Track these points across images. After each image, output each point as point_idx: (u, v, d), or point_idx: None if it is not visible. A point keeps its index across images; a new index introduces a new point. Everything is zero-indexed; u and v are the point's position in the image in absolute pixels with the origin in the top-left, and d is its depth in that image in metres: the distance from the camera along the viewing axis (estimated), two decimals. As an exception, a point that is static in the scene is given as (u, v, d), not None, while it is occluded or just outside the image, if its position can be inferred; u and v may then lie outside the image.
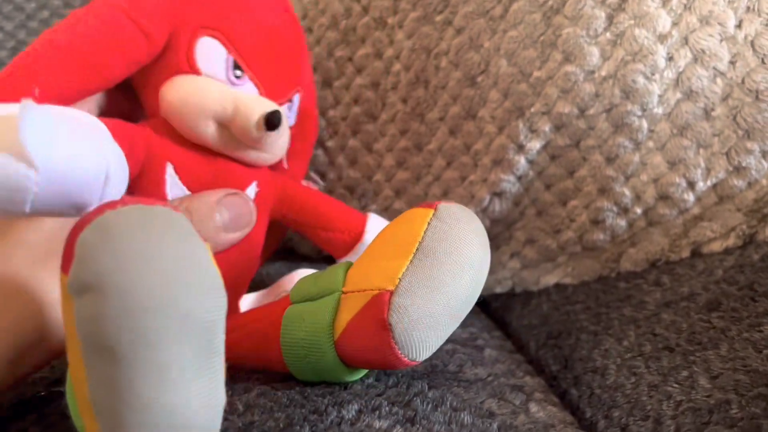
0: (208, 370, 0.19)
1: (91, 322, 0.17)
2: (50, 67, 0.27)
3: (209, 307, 0.19)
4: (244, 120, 0.29)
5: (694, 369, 0.29)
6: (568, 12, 0.38)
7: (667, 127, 0.38)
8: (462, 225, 0.26)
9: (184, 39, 0.30)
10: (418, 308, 0.25)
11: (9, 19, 0.64)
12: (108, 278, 0.17)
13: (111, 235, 0.18)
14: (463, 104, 0.43)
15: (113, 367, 0.17)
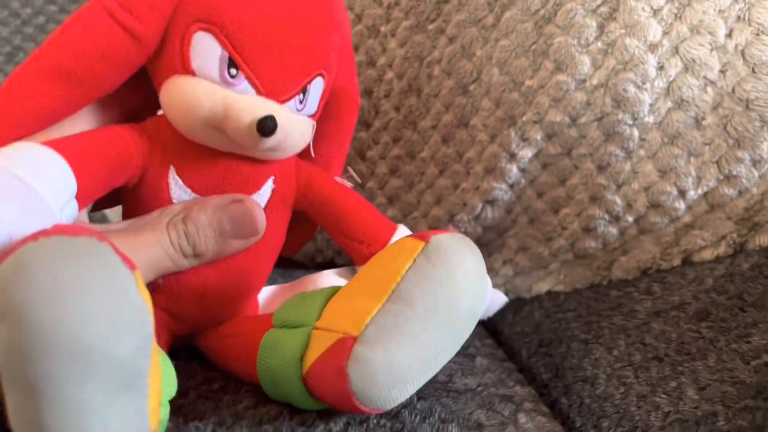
0: (123, 404, 0.19)
1: (4, 352, 0.18)
2: (35, 88, 0.26)
3: (123, 343, 0.18)
4: (236, 126, 0.27)
5: (682, 380, 0.29)
6: (560, 21, 0.38)
7: (658, 135, 0.38)
8: (451, 265, 0.24)
9: (178, 35, 0.28)
10: (380, 360, 0.23)
11: (5, 25, 0.64)
12: (16, 311, 0.17)
13: (24, 268, 0.18)
14: (455, 112, 0.43)
15: (23, 397, 0.18)
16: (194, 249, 0.28)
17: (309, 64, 0.29)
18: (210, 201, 0.29)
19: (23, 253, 0.18)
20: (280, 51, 0.28)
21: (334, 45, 0.31)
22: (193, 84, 0.28)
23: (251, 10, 0.28)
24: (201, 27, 0.27)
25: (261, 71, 0.28)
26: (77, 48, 0.26)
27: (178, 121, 0.28)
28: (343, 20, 0.33)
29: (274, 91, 0.28)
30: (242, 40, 0.27)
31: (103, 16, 0.27)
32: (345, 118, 0.35)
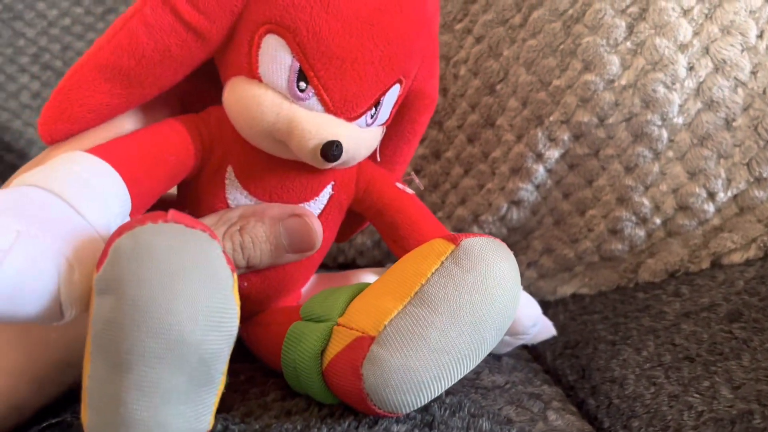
0: (196, 399, 0.20)
1: (102, 322, 0.18)
2: (95, 87, 0.25)
3: (213, 340, 0.19)
4: (299, 146, 0.26)
5: (716, 379, 0.29)
6: (588, 21, 0.38)
7: (687, 136, 0.37)
8: (479, 271, 0.23)
9: (247, 36, 0.25)
10: (396, 363, 0.22)
11: (31, 26, 0.65)
12: (126, 287, 0.18)
13: (140, 247, 0.18)
14: (481, 112, 0.43)
15: (109, 369, 0.18)
16: (248, 261, 0.28)
17: (387, 76, 0.27)
18: (268, 212, 0.28)
19: (143, 233, 0.18)
20: (354, 64, 0.26)
21: (419, 49, 0.28)
22: (258, 92, 0.26)
23: (330, 15, 0.25)
24: (273, 29, 0.25)
25: (332, 86, 0.26)
26: (137, 49, 0.25)
27: (239, 125, 0.27)
28: (434, 17, 0.30)
29: (344, 109, 0.26)
30: (316, 49, 0.25)
31: (165, 13, 0.25)
32: (419, 119, 0.33)
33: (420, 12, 0.27)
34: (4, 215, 0.19)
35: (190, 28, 0.25)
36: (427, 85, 0.32)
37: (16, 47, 0.63)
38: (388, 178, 0.32)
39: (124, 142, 0.26)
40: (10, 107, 0.63)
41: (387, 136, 0.32)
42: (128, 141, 0.26)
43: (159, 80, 0.26)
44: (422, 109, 0.32)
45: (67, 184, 0.22)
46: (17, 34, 0.64)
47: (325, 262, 0.51)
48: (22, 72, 0.63)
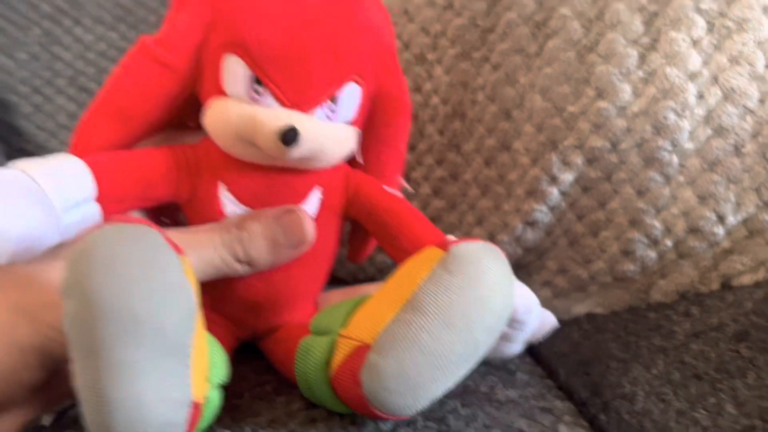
0: (167, 370, 0.22)
1: (70, 322, 0.21)
2: (101, 127, 0.30)
3: (166, 314, 0.21)
4: (263, 139, 0.29)
5: (722, 396, 0.30)
6: (602, 51, 0.40)
7: (698, 162, 0.39)
8: (468, 275, 0.24)
9: (211, 61, 0.30)
10: (390, 368, 0.24)
11: (68, 50, 0.68)
12: (76, 286, 0.21)
13: (86, 249, 0.21)
14: (498, 137, 0.44)
15: (82, 361, 0.21)
16: (247, 255, 0.30)
17: (336, 71, 0.30)
18: (265, 212, 0.31)
19: (87, 238, 0.22)
20: (300, 61, 0.29)
21: (367, 50, 0.31)
22: (225, 104, 0.30)
23: (272, 27, 0.29)
24: (229, 50, 0.29)
25: (284, 84, 0.29)
26: (125, 90, 0.30)
27: (217, 139, 0.30)
28: (380, 24, 0.33)
29: (298, 102, 0.30)
30: (263, 55, 0.29)
31: (143, 57, 0.30)
32: (393, 122, 0.35)
33: (359, 15, 0.31)
34: None
35: (164, 66, 0.30)
36: (390, 87, 0.34)
37: (54, 70, 0.67)
38: (376, 182, 0.35)
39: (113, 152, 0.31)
40: (48, 127, 0.65)
41: (368, 142, 0.35)
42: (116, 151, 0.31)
43: (148, 117, 0.31)
44: (393, 112, 0.35)
45: (31, 160, 0.27)
46: (55, 58, 0.67)
47: (345, 279, 0.53)
48: (59, 94, 0.66)
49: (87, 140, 0.30)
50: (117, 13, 0.69)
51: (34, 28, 0.67)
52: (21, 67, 0.66)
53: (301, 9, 0.29)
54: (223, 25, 0.30)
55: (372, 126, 0.34)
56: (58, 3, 0.68)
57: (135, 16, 0.69)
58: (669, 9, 0.38)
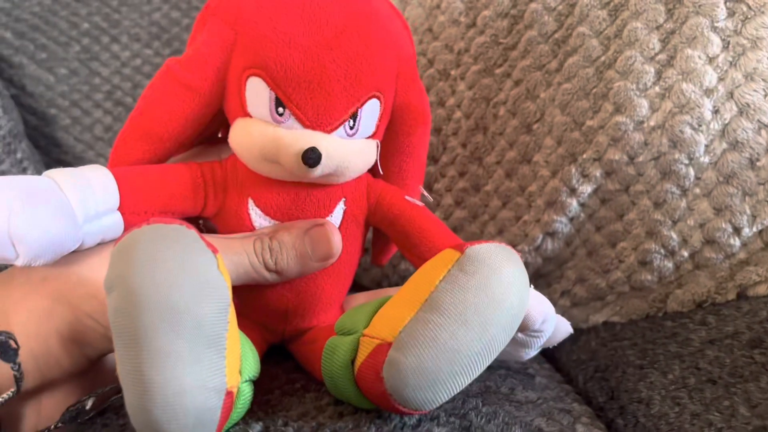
0: (203, 359, 0.23)
1: (113, 314, 0.23)
2: (133, 147, 0.32)
3: (202, 306, 0.23)
4: (286, 160, 0.30)
5: (735, 399, 0.31)
6: (620, 67, 0.41)
7: (714, 175, 0.40)
8: (483, 274, 0.26)
9: (235, 84, 0.31)
10: (410, 364, 0.25)
11: (106, 66, 0.71)
12: (122, 280, 0.23)
13: (129, 246, 0.23)
14: (519, 149, 0.46)
15: (127, 349, 0.22)
16: (276, 264, 0.32)
17: (356, 90, 0.31)
18: (295, 224, 0.33)
19: (130, 237, 0.24)
20: (321, 83, 0.30)
21: (386, 65, 0.32)
22: (249, 125, 0.31)
23: (292, 50, 0.30)
24: (252, 73, 0.30)
25: (305, 105, 0.30)
26: (152, 112, 0.32)
27: (243, 158, 0.32)
28: (398, 36, 0.33)
29: (318, 123, 0.30)
30: (285, 78, 0.30)
31: (168, 80, 0.32)
32: (413, 132, 0.36)
33: (378, 32, 0.32)
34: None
35: (188, 88, 0.31)
36: (410, 99, 0.35)
37: (91, 85, 0.69)
38: (398, 192, 0.36)
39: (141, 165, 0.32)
40: (85, 139, 0.68)
41: (388, 153, 0.35)
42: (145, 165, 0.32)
43: (174, 137, 0.32)
44: (414, 123, 0.35)
45: (63, 171, 0.29)
46: (93, 73, 0.70)
47: (369, 287, 0.55)
48: (96, 107, 0.69)
49: (121, 159, 0.32)
50: (152, 31, 0.72)
51: (74, 44, 0.70)
52: (61, 81, 0.69)
53: (320, 31, 0.30)
54: (246, 47, 0.30)
55: (392, 136, 0.35)
56: (96, 21, 0.71)
57: (169, 34, 0.72)
58: (685, 27, 0.40)
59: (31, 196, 0.26)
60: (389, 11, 0.33)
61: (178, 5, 0.74)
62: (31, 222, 0.26)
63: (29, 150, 0.63)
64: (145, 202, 0.31)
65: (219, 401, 0.24)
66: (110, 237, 0.30)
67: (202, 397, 0.23)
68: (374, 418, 0.29)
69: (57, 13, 0.71)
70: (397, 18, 0.34)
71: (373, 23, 0.31)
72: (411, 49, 0.35)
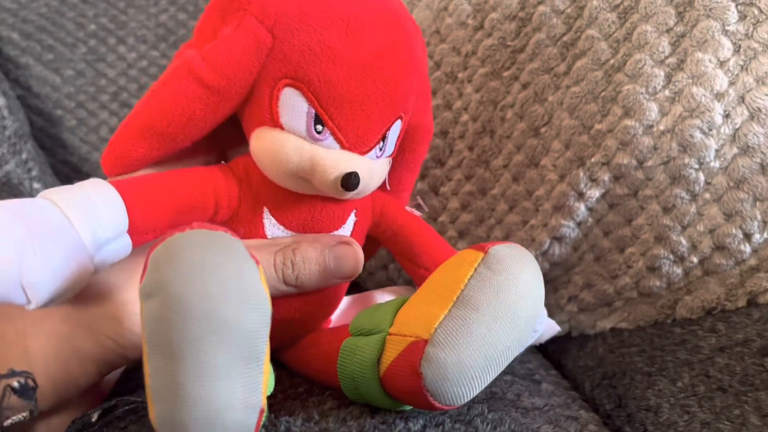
0: (246, 375, 0.22)
1: (151, 322, 0.21)
2: (136, 143, 0.30)
3: (250, 320, 0.22)
4: (321, 180, 0.29)
5: (746, 408, 0.30)
6: (629, 70, 0.41)
7: (724, 180, 0.39)
8: (510, 272, 0.26)
9: (267, 90, 0.29)
10: (450, 359, 0.25)
11: (112, 67, 0.71)
12: (165, 286, 0.21)
13: (173, 252, 0.22)
14: (526, 153, 0.45)
15: (165, 360, 0.21)
16: (297, 279, 0.31)
17: (390, 113, 0.31)
18: (320, 239, 0.32)
19: (174, 240, 0.22)
20: (362, 105, 0.29)
21: (414, 87, 0.32)
22: (282, 139, 0.29)
23: (336, 65, 0.29)
24: (289, 83, 0.29)
25: (345, 126, 0.29)
26: (167, 115, 0.29)
27: (267, 169, 0.30)
28: (423, 59, 0.34)
29: (356, 145, 0.30)
30: (327, 95, 0.29)
31: (190, 82, 0.29)
32: (418, 149, 0.36)
33: (411, 55, 0.31)
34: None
35: (214, 91, 0.29)
36: (423, 119, 0.35)
37: (98, 86, 0.69)
38: (398, 203, 0.36)
39: (138, 177, 0.30)
40: (90, 140, 0.68)
41: (393, 167, 0.35)
42: (142, 176, 0.30)
43: (189, 135, 0.30)
44: (420, 140, 0.36)
45: (63, 193, 0.26)
46: (99, 75, 0.70)
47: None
48: (102, 109, 0.69)
49: (120, 158, 0.30)
50: (159, 33, 0.72)
51: (80, 46, 0.70)
52: (67, 82, 0.69)
53: (365, 50, 0.29)
54: (285, 55, 0.29)
55: (400, 152, 0.35)
56: (103, 23, 0.71)
57: (176, 36, 0.72)
58: (696, 30, 0.39)
59: (43, 238, 0.24)
60: (416, 28, 0.33)
61: (185, 7, 0.74)
62: (45, 269, 0.24)
63: (35, 151, 0.63)
64: (154, 219, 0.29)
65: (255, 418, 0.23)
66: (118, 260, 0.28)
67: (244, 414, 0.22)
68: (378, 423, 0.28)
69: (64, 14, 0.71)
70: (421, 40, 0.34)
71: (408, 44, 0.31)
72: (426, 64, 0.35)
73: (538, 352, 0.48)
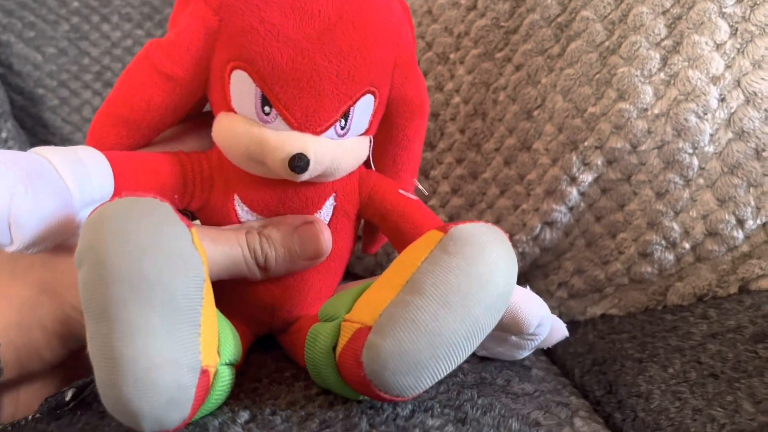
0: (177, 335, 0.22)
1: (83, 288, 0.22)
2: (107, 131, 0.30)
3: (174, 279, 0.22)
4: (272, 163, 0.28)
5: (739, 395, 0.30)
6: (624, 53, 0.40)
7: (718, 165, 0.39)
8: (467, 254, 0.24)
9: (219, 76, 0.29)
10: (389, 347, 0.24)
11: (96, 46, 0.69)
12: (89, 253, 0.22)
13: (99, 219, 0.22)
14: (518, 136, 0.45)
15: (97, 325, 0.21)
16: (265, 261, 0.31)
17: (349, 89, 0.29)
18: (284, 220, 0.31)
19: (102, 209, 0.22)
20: (310, 82, 0.28)
21: (383, 58, 0.30)
22: (233, 121, 0.29)
23: (280, 42, 0.27)
24: (237, 65, 0.28)
25: (293, 105, 0.28)
26: (129, 100, 0.29)
27: (226, 152, 0.30)
28: (399, 25, 0.31)
29: (307, 124, 0.29)
30: (273, 75, 0.28)
31: (146, 66, 0.29)
32: (409, 125, 0.34)
33: (377, 24, 0.29)
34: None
35: (169, 78, 0.29)
36: (407, 92, 0.33)
37: (81, 65, 0.68)
38: (392, 185, 0.34)
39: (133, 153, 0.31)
40: (73, 120, 0.67)
41: (381, 146, 0.34)
42: (136, 153, 0.31)
43: (152, 122, 0.30)
44: (409, 116, 0.34)
45: (57, 151, 0.27)
46: (83, 53, 0.68)
47: (363, 276, 0.54)
48: (85, 88, 0.67)
49: (97, 143, 0.30)
50: (144, 11, 0.70)
51: (63, 23, 0.68)
52: (49, 61, 0.67)
53: (312, 23, 0.28)
54: (230, 37, 0.28)
55: (386, 128, 0.34)
56: (87, 0, 0.69)
57: (161, 15, 0.70)
58: (692, 12, 0.38)
59: (33, 178, 0.25)
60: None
61: (170, -15, 0.72)
62: (33, 207, 0.24)
63: (15, 130, 0.62)
64: (140, 189, 0.28)
65: (193, 379, 0.23)
66: None
67: (175, 373, 0.22)
68: (366, 408, 0.27)
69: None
70: (396, 2, 0.32)
71: (369, 12, 0.29)
72: (410, 36, 0.33)
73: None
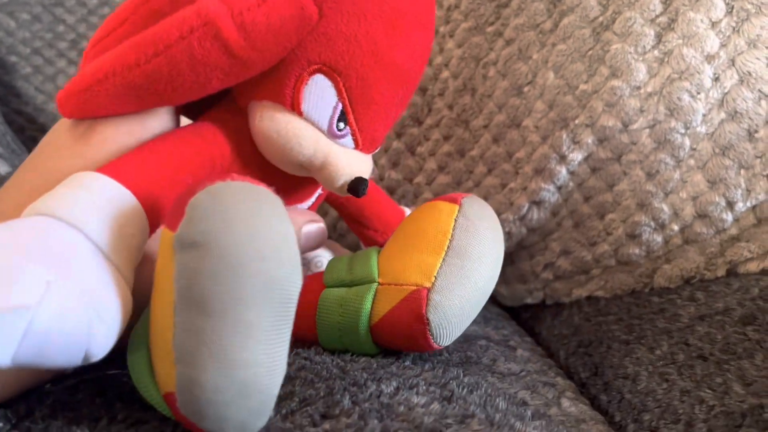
0: (280, 338, 0.20)
1: (190, 275, 0.19)
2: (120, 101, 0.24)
3: (291, 280, 0.20)
4: (329, 179, 0.28)
5: (728, 376, 0.29)
6: (618, 29, 0.39)
7: (710, 146, 0.38)
8: (485, 222, 0.29)
9: (294, 70, 0.26)
10: (452, 304, 0.28)
11: (71, 13, 0.67)
12: (214, 237, 0.19)
13: (221, 200, 0.19)
14: (508, 113, 0.44)
15: (204, 318, 0.19)
16: None
17: (400, 114, 0.30)
18: (294, 215, 0.31)
19: (219, 189, 0.19)
20: (387, 108, 0.28)
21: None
22: (299, 127, 0.26)
23: (376, 63, 0.26)
24: (324, 71, 0.26)
25: (366, 127, 0.27)
26: (177, 79, 0.24)
27: (270, 151, 0.28)
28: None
29: (369, 147, 0.28)
30: (360, 94, 0.26)
31: (214, 47, 0.23)
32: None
33: (428, 57, 0.30)
34: (31, 261, 0.18)
35: (240, 62, 0.24)
36: None
37: (55, 32, 0.65)
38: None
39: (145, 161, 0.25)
40: (47, 90, 0.64)
41: None
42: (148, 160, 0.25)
43: (185, 100, 0.25)
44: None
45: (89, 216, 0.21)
46: (57, 20, 0.66)
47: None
48: (60, 57, 0.65)
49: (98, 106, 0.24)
50: (122, -22, 0.68)
51: (37, -12, 0.66)
52: (22, 27, 0.65)
53: (404, 52, 0.27)
54: (328, 38, 0.25)
55: None
56: (62, -36, 0.67)
57: (141, -18, 0.68)
58: (689, -12, 0.38)
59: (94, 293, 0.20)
60: None
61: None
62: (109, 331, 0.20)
63: (-15, 98, 0.59)
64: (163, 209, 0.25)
65: (278, 389, 0.21)
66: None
67: (275, 378, 0.20)
68: (348, 385, 0.26)
69: (20, -47, 0.66)
70: None
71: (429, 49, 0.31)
72: None
73: (511, 319, 0.47)
